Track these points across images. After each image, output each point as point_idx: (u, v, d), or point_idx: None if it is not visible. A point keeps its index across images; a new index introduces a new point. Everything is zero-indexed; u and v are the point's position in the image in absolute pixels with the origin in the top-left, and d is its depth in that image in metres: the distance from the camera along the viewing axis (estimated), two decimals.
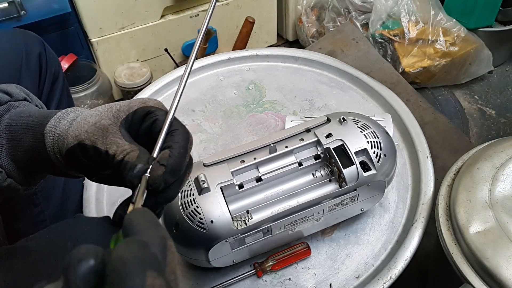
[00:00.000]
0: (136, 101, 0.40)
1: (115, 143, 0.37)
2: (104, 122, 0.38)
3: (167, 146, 0.36)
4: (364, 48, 1.15)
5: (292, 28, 1.58)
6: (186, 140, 0.37)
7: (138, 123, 0.39)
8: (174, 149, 0.36)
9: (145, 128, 0.38)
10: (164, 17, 1.32)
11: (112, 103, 0.40)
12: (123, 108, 0.39)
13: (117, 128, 0.37)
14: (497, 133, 1.31)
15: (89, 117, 0.39)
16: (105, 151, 0.37)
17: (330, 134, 0.57)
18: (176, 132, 0.37)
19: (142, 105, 0.39)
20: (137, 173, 0.35)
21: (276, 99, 0.89)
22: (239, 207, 0.55)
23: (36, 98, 0.47)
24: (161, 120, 0.38)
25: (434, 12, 1.32)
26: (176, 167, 0.36)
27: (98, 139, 0.37)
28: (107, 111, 0.39)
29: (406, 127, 0.78)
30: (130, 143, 0.37)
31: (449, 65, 1.33)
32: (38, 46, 0.72)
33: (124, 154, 0.36)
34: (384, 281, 0.59)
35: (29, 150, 0.40)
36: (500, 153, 0.61)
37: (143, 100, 0.40)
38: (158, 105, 0.40)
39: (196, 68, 0.94)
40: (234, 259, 0.57)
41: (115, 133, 0.37)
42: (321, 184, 0.58)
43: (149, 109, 0.39)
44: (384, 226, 0.67)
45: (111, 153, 0.36)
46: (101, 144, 0.37)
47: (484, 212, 0.55)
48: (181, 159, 0.36)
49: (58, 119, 0.40)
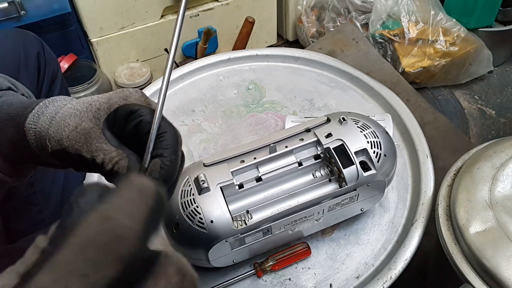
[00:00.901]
0: (116, 96, 0.37)
1: (101, 150, 0.35)
2: (85, 125, 0.36)
3: (157, 155, 0.35)
4: (364, 48, 1.15)
5: (292, 28, 1.58)
6: (175, 144, 0.36)
7: (121, 123, 0.37)
8: (165, 157, 0.35)
9: (130, 129, 0.37)
10: (164, 17, 1.32)
11: (90, 99, 0.38)
12: (103, 106, 0.37)
13: (99, 132, 0.36)
14: (497, 133, 1.31)
15: (68, 118, 0.36)
16: (91, 159, 0.35)
17: (330, 134, 0.57)
18: (164, 136, 0.35)
19: (123, 102, 0.37)
20: None
21: (276, 99, 0.89)
22: (239, 207, 0.55)
23: (22, 87, 0.46)
24: (147, 121, 0.36)
25: (434, 12, 1.32)
26: (168, 176, 0.35)
27: (82, 147, 0.35)
28: (86, 111, 0.37)
29: (406, 127, 0.78)
30: (117, 149, 0.35)
31: (449, 65, 1.33)
32: (36, 46, 0.72)
33: (113, 163, 0.35)
34: (384, 281, 0.59)
35: (13, 142, 0.39)
36: (500, 153, 0.61)
37: (124, 94, 0.37)
38: (140, 100, 0.38)
39: (196, 68, 0.94)
40: (234, 259, 0.57)
41: (98, 137, 0.35)
42: (321, 184, 0.58)
43: (132, 107, 0.37)
44: (384, 226, 0.67)
45: (98, 161, 0.35)
46: (86, 152, 0.35)
47: (484, 212, 0.55)
48: (173, 167, 0.35)
49: (37, 115, 0.38)
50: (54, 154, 0.37)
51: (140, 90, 0.39)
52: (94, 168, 0.36)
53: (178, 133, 0.37)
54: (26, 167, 0.44)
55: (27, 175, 0.45)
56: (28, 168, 0.44)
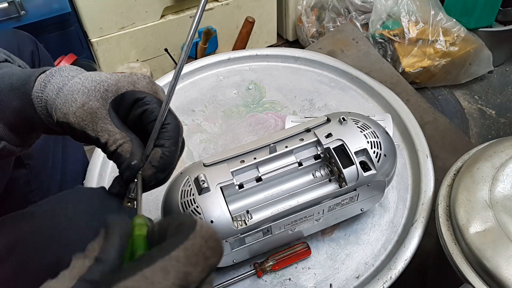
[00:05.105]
0: (124, 80, 0.38)
1: (106, 130, 0.37)
2: (92, 104, 0.37)
3: (159, 144, 0.37)
4: (364, 48, 1.15)
5: (292, 28, 1.58)
6: (177, 135, 0.38)
7: (127, 108, 0.38)
8: (166, 148, 0.37)
9: (135, 115, 0.38)
10: (164, 17, 1.32)
11: (98, 77, 0.39)
12: (111, 88, 0.38)
13: (106, 113, 0.37)
14: (497, 133, 1.31)
15: (76, 93, 0.37)
16: (96, 138, 0.37)
17: (330, 134, 0.57)
18: (167, 127, 0.37)
19: (131, 88, 0.38)
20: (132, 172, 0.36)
21: (276, 99, 0.89)
22: (239, 207, 0.55)
23: (17, 59, 0.47)
24: (151, 111, 0.37)
25: (434, 12, 1.32)
26: (167, 166, 0.37)
27: (88, 125, 0.37)
28: (94, 90, 0.38)
29: (406, 127, 0.78)
30: (121, 131, 0.37)
31: (449, 65, 1.33)
32: (30, 45, 0.72)
33: (117, 145, 0.36)
34: (384, 281, 0.59)
35: (18, 112, 0.40)
36: (500, 153, 0.61)
37: (132, 80, 0.38)
38: (148, 88, 0.39)
39: (196, 68, 0.94)
40: (234, 259, 0.57)
41: (104, 118, 0.37)
42: (321, 184, 0.58)
43: (139, 95, 0.38)
44: (384, 226, 0.67)
45: (102, 141, 0.37)
46: (91, 131, 0.37)
47: (484, 212, 0.55)
48: (173, 157, 0.37)
49: (43, 83, 0.39)
50: (59, 124, 0.38)
51: (148, 77, 0.40)
52: (96, 145, 0.38)
53: (180, 125, 0.38)
54: (32, 136, 0.45)
55: (31, 145, 0.46)
56: (32, 138, 0.45)
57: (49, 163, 0.76)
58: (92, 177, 0.74)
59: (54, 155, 0.78)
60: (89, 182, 0.74)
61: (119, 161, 0.37)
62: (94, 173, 0.75)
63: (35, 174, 0.72)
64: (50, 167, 0.76)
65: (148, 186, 0.38)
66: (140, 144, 0.37)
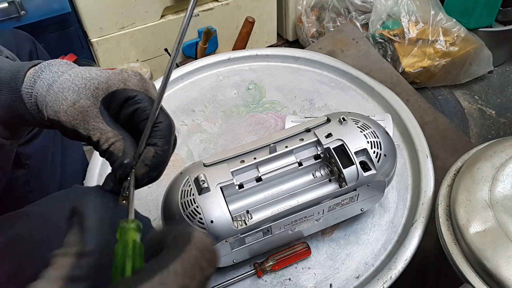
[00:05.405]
0: (115, 78, 0.38)
1: (97, 129, 0.36)
2: (83, 103, 0.37)
3: (151, 143, 0.36)
4: (364, 48, 1.15)
5: (292, 28, 1.58)
6: (169, 134, 0.37)
7: (118, 107, 0.38)
8: (158, 146, 0.36)
9: (126, 114, 0.38)
10: (164, 17, 1.32)
11: (88, 74, 0.38)
12: (102, 85, 0.37)
13: (97, 111, 0.37)
14: (497, 133, 1.31)
15: (66, 91, 0.37)
16: (87, 136, 0.37)
17: (330, 134, 0.57)
18: (159, 126, 0.37)
19: (122, 86, 0.37)
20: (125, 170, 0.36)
21: (276, 99, 0.89)
22: (239, 207, 0.55)
23: (5, 49, 0.46)
24: (143, 109, 0.37)
25: (434, 12, 1.32)
26: (159, 164, 0.37)
27: (79, 124, 0.37)
28: (84, 88, 0.37)
29: (406, 127, 0.78)
30: (113, 130, 0.37)
31: (449, 65, 1.33)
32: (29, 44, 0.73)
33: (109, 144, 0.36)
34: (384, 281, 0.59)
35: (7, 106, 0.40)
36: (500, 153, 0.61)
37: (123, 77, 0.38)
38: (139, 86, 0.38)
39: (196, 68, 0.94)
40: (234, 259, 0.57)
41: (96, 116, 0.37)
42: (321, 184, 0.58)
43: (130, 93, 0.37)
44: (384, 226, 0.67)
45: (94, 139, 0.36)
46: (82, 130, 0.37)
47: (484, 212, 0.55)
48: (165, 156, 0.37)
49: (33, 79, 0.39)
50: (50, 121, 0.38)
51: (139, 73, 0.39)
52: (88, 143, 0.37)
53: (173, 123, 0.38)
54: (21, 129, 0.45)
55: (20, 138, 0.45)
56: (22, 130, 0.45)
57: (49, 163, 0.76)
58: (92, 177, 0.74)
59: (54, 155, 0.78)
60: (89, 182, 0.74)
61: (111, 159, 0.37)
62: (94, 173, 0.74)
63: (35, 174, 0.72)
64: (50, 167, 0.76)
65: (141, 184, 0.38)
66: (132, 142, 0.37)
